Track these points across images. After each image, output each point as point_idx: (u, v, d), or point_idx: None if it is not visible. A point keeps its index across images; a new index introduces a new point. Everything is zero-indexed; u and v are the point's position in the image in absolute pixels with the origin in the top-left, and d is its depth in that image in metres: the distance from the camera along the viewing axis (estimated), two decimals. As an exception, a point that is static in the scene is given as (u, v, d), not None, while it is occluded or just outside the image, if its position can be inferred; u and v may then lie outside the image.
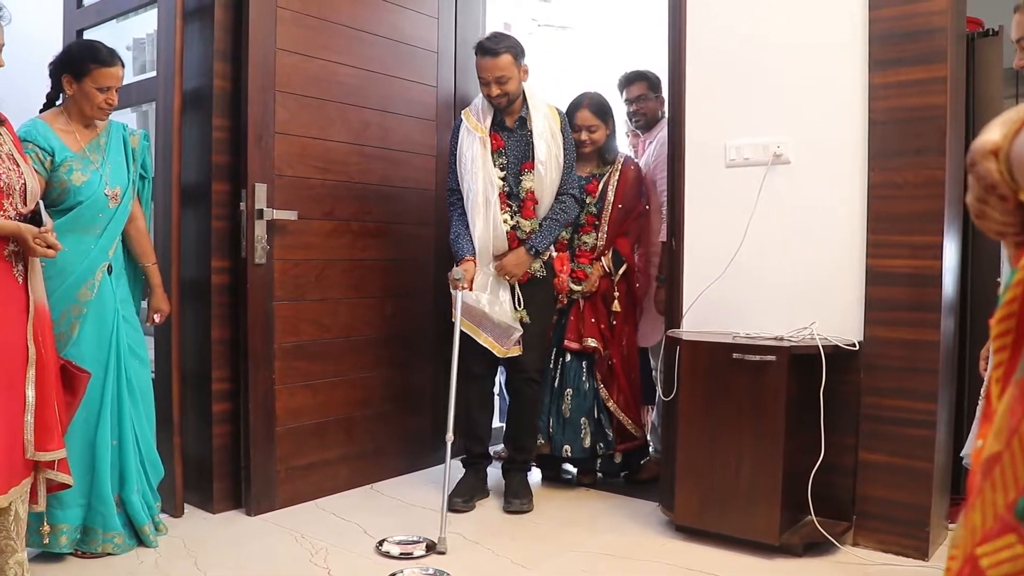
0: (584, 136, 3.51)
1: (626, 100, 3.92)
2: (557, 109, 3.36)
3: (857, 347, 2.76)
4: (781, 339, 2.76)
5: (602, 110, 3.56)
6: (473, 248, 3.23)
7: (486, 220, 3.21)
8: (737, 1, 3.04)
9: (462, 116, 3.34)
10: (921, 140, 2.66)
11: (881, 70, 2.73)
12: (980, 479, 0.67)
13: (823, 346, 2.68)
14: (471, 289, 3.16)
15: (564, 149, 3.29)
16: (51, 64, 2.68)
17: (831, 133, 2.84)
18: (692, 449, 2.85)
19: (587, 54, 6.23)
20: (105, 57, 2.64)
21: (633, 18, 5.87)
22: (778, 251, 2.94)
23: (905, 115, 2.69)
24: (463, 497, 3.24)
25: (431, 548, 2.79)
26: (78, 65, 2.62)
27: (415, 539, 2.85)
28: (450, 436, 2.96)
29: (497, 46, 3.14)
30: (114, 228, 2.72)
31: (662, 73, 3.40)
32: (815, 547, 2.72)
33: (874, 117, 2.75)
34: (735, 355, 2.73)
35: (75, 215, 2.61)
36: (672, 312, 3.18)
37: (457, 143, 3.31)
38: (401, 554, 2.75)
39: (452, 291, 3.16)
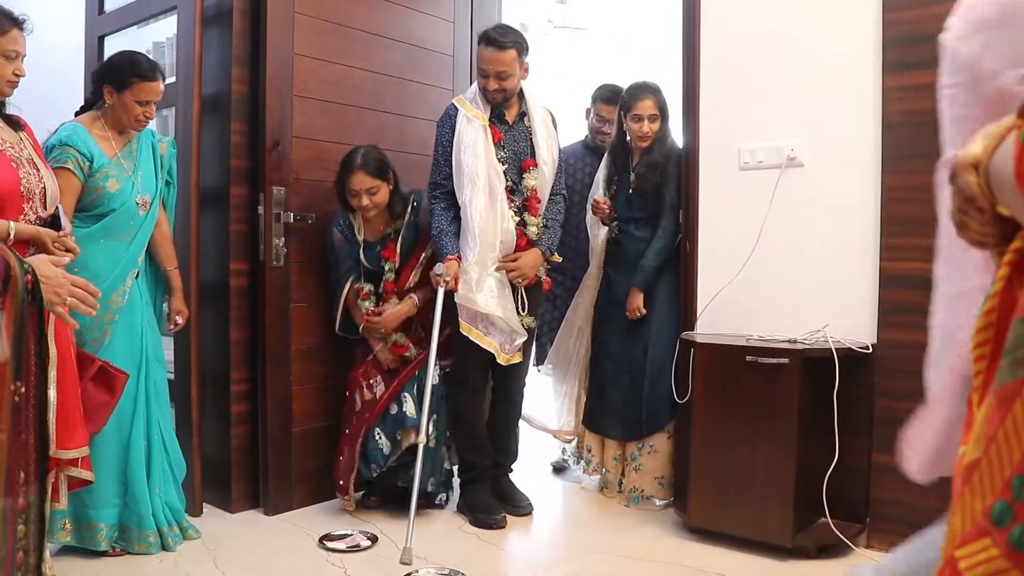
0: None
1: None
2: (547, 108, 3.24)
3: (871, 350, 2.75)
4: (795, 342, 2.76)
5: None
6: (456, 246, 3.02)
7: (492, 212, 2.99)
8: (750, 4, 3.05)
9: (455, 104, 3.12)
10: (935, 143, 2.64)
11: (895, 73, 2.73)
12: (960, 485, 0.68)
13: (836, 349, 2.68)
14: (457, 288, 2.98)
15: (558, 150, 3.26)
16: (94, 72, 2.75)
17: (845, 136, 2.84)
18: (706, 451, 2.85)
19: (603, 55, 6.25)
20: (147, 71, 2.66)
21: (649, 19, 5.89)
22: (792, 254, 2.95)
23: (919, 118, 2.67)
24: (498, 514, 3.08)
25: (374, 540, 2.86)
26: (120, 77, 2.64)
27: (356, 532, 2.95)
28: (422, 438, 2.85)
29: (504, 39, 2.97)
30: (143, 235, 2.76)
31: (675, 76, 3.33)
32: (828, 549, 2.72)
33: (888, 120, 2.75)
34: (748, 358, 2.73)
35: (108, 223, 2.66)
36: (686, 314, 3.19)
37: (453, 132, 3.06)
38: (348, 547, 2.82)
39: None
